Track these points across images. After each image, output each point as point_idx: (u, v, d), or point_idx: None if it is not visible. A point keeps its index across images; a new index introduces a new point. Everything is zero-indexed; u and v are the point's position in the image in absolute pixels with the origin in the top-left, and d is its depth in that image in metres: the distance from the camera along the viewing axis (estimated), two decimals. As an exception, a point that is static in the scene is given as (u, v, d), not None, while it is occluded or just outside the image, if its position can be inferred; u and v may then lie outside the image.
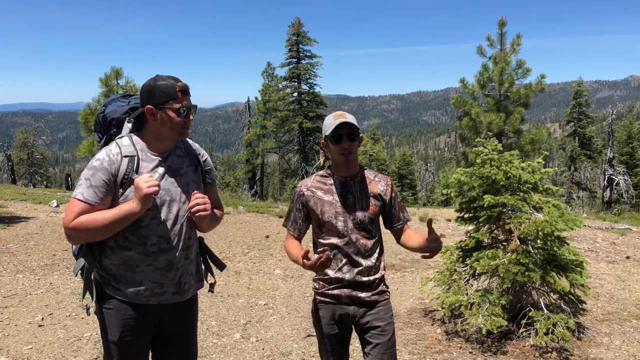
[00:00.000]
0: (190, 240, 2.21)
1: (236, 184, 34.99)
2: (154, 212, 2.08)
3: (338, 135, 2.30)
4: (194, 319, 2.38)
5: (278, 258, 8.07)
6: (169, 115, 2.06)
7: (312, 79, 30.43)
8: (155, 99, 2.05)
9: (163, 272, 2.12)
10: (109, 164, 2.03)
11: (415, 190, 38.57)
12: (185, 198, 2.17)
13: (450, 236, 9.87)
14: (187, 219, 2.17)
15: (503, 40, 14.51)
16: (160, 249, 2.10)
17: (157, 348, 2.29)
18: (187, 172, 2.21)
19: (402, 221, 2.49)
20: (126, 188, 2.05)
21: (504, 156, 4.58)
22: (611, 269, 7.42)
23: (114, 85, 13.96)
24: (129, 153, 2.08)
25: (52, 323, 4.82)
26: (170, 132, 2.11)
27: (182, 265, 2.18)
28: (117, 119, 2.23)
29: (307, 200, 2.44)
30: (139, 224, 2.07)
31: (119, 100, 2.32)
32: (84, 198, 1.99)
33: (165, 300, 2.16)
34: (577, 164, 31.65)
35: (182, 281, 2.19)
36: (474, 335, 4.37)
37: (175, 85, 2.06)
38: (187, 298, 2.26)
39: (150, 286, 2.11)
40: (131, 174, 2.05)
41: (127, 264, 2.08)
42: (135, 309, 2.11)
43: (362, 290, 2.39)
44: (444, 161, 75.55)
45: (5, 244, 8.34)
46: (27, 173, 32.96)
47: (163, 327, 2.23)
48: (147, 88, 2.07)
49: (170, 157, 2.17)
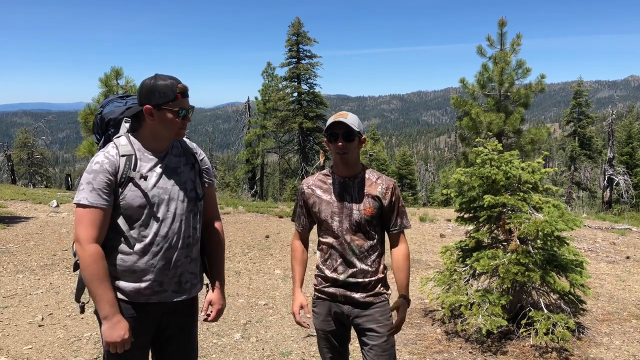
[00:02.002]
0: (190, 238, 2.20)
1: (236, 184, 34.99)
2: (153, 211, 2.09)
3: (334, 134, 2.31)
4: (195, 318, 2.38)
5: (278, 258, 8.07)
6: (167, 117, 2.06)
7: (312, 79, 30.48)
8: (154, 99, 2.04)
9: (162, 271, 2.12)
10: (109, 165, 2.03)
11: (415, 190, 38.56)
12: (184, 196, 2.17)
13: (450, 236, 9.87)
14: (187, 217, 2.17)
15: (503, 40, 14.52)
16: (160, 248, 2.10)
17: (157, 348, 2.29)
18: (184, 171, 2.21)
19: (397, 227, 2.43)
20: (124, 187, 2.04)
21: (504, 156, 4.58)
22: (611, 269, 7.42)
23: (113, 86, 13.96)
24: (126, 152, 2.07)
25: (52, 323, 4.82)
26: (167, 132, 2.11)
27: (182, 263, 2.17)
28: (114, 120, 2.23)
29: (307, 198, 2.47)
30: (137, 223, 2.07)
31: (116, 101, 2.32)
32: (89, 202, 1.98)
33: (165, 299, 2.16)
34: (577, 164, 31.65)
35: (182, 280, 2.19)
36: (474, 335, 4.37)
37: (175, 86, 2.05)
38: (189, 297, 2.25)
39: (150, 284, 2.11)
40: (129, 172, 2.05)
41: (126, 263, 2.08)
42: (135, 307, 2.11)
43: (357, 291, 2.38)
44: (444, 161, 75.51)
45: (5, 244, 8.34)
46: (27, 173, 32.95)
47: (163, 326, 2.23)
48: (147, 88, 2.05)
49: (167, 157, 2.17)
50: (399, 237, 2.45)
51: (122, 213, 2.06)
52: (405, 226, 2.46)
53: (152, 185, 2.09)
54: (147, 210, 2.07)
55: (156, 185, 2.10)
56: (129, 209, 2.05)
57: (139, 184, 2.06)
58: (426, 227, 11.38)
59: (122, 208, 2.06)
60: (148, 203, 2.07)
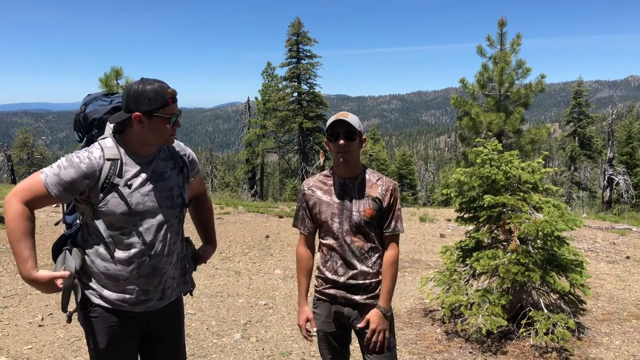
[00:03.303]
0: (175, 245, 2.15)
1: (236, 184, 35.00)
2: (137, 219, 2.01)
3: (335, 134, 2.30)
4: (181, 322, 2.34)
5: (278, 258, 8.07)
6: (158, 124, 1.97)
7: (312, 79, 30.47)
8: (144, 105, 1.93)
9: (147, 279, 2.06)
10: (87, 166, 1.93)
11: (415, 190, 38.61)
12: (170, 203, 2.10)
13: (450, 236, 9.87)
14: (171, 225, 2.11)
15: (503, 40, 14.51)
16: (144, 256, 2.03)
17: (145, 353, 2.25)
18: (171, 176, 2.13)
19: (389, 230, 2.38)
20: (107, 193, 1.95)
21: (504, 156, 4.58)
22: (611, 269, 7.42)
23: (113, 85, 13.98)
24: (112, 156, 1.97)
25: (52, 323, 4.82)
26: (157, 139, 2.03)
27: (166, 271, 2.12)
28: (99, 119, 2.13)
29: (307, 199, 2.46)
30: (122, 231, 2.00)
31: (100, 99, 2.21)
32: (45, 182, 1.90)
33: (150, 308, 2.11)
34: (577, 164, 31.65)
35: (166, 286, 2.14)
36: (474, 335, 4.37)
37: (165, 91, 1.95)
38: (171, 302, 2.20)
39: (135, 294, 2.06)
40: (113, 178, 1.96)
41: (109, 271, 2.02)
42: (120, 316, 2.06)
43: (357, 293, 2.38)
44: (444, 161, 75.55)
45: (5, 244, 8.33)
46: (27, 173, 32.89)
47: (150, 331, 2.19)
48: (134, 93, 1.93)
49: (154, 161, 2.09)
50: (391, 240, 2.40)
51: (104, 219, 1.98)
52: (399, 230, 2.39)
53: (136, 192, 2.00)
54: (131, 218, 1.99)
55: (141, 192, 2.02)
56: (111, 216, 1.98)
57: (122, 192, 1.97)
58: (426, 227, 11.38)
59: (103, 214, 1.98)
60: (132, 211, 1.99)
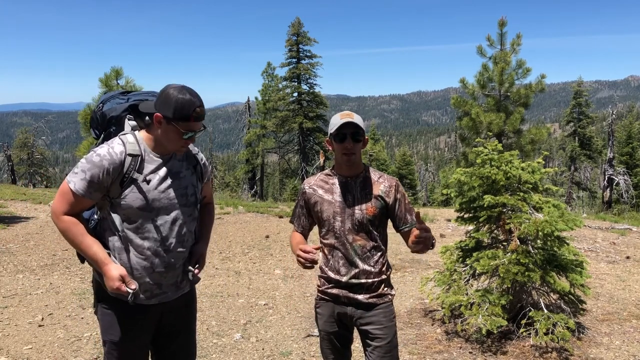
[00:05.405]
0: (187, 242, 2.21)
1: (236, 184, 34.98)
2: (153, 215, 2.08)
3: (342, 135, 2.29)
4: (194, 317, 2.39)
5: (278, 258, 8.07)
6: (171, 133, 2.04)
7: (312, 79, 30.45)
8: (167, 110, 1.99)
9: (162, 274, 2.12)
10: (108, 162, 1.99)
11: (415, 190, 38.59)
12: (185, 201, 2.17)
13: (450, 236, 9.86)
14: (185, 222, 2.17)
15: (503, 40, 14.52)
16: (159, 252, 2.10)
17: (158, 347, 2.29)
18: (186, 176, 2.21)
19: (408, 224, 2.38)
20: (126, 187, 2.03)
21: (504, 156, 4.58)
22: (611, 269, 7.42)
23: (113, 86, 13.97)
24: (133, 152, 2.05)
25: (52, 323, 4.82)
26: (167, 144, 2.10)
27: (179, 265, 2.18)
28: (116, 117, 2.20)
29: (308, 198, 2.46)
30: (137, 226, 2.06)
31: (117, 97, 2.28)
32: (75, 189, 1.98)
33: (164, 299, 2.17)
34: (577, 164, 31.65)
35: (179, 280, 2.21)
36: (474, 335, 4.37)
37: (192, 108, 1.99)
38: (185, 295, 2.27)
39: (149, 287, 2.11)
40: (132, 172, 2.03)
41: (125, 266, 2.07)
42: (135, 309, 2.11)
43: (360, 292, 2.37)
44: (444, 161, 75.58)
45: (5, 244, 8.34)
46: (27, 173, 32.94)
47: (163, 325, 2.24)
48: (166, 96, 2.00)
49: (171, 160, 2.16)
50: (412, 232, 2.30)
51: (120, 213, 2.05)
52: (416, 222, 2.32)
53: (154, 189, 2.07)
54: (147, 213, 2.06)
55: (158, 188, 2.09)
56: (128, 209, 2.04)
57: (141, 186, 2.05)
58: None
59: (121, 208, 2.05)
60: (149, 206, 2.06)
